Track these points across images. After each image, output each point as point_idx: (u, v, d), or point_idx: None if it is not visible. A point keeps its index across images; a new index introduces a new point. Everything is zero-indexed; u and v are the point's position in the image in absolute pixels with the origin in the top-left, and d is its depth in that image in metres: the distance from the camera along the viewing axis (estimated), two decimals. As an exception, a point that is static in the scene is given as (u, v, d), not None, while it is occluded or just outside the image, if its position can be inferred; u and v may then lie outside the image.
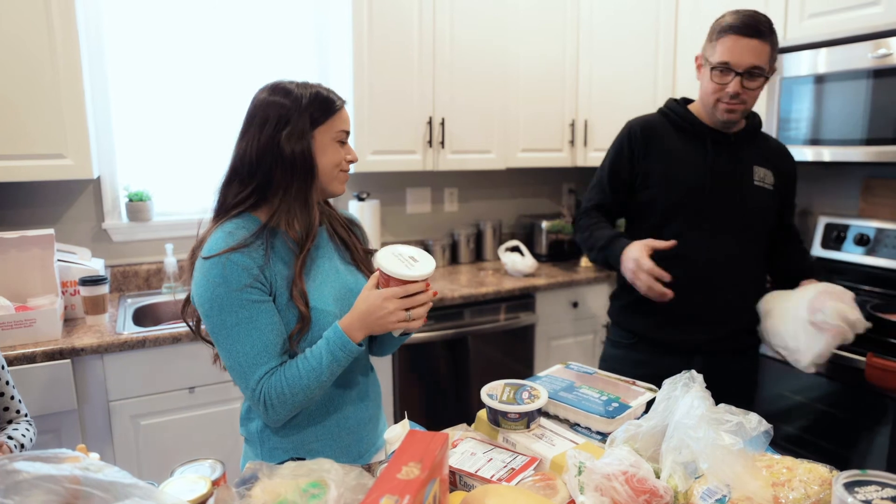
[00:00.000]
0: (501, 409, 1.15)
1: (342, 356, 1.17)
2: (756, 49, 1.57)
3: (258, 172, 1.21)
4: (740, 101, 1.63)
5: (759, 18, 1.59)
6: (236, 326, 1.16)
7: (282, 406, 1.17)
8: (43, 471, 0.86)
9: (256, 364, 1.17)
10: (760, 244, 1.78)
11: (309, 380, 1.17)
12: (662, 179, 1.75)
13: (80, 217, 2.57)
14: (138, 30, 2.58)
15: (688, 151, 1.75)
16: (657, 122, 1.81)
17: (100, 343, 2.01)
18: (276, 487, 0.95)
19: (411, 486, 0.75)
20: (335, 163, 1.26)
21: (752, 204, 1.73)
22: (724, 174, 1.72)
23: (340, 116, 1.26)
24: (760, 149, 1.77)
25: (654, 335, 1.80)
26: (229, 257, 1.16)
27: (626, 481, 0.88)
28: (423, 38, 2.75)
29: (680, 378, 1.05)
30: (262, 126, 1.21)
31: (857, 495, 0.69)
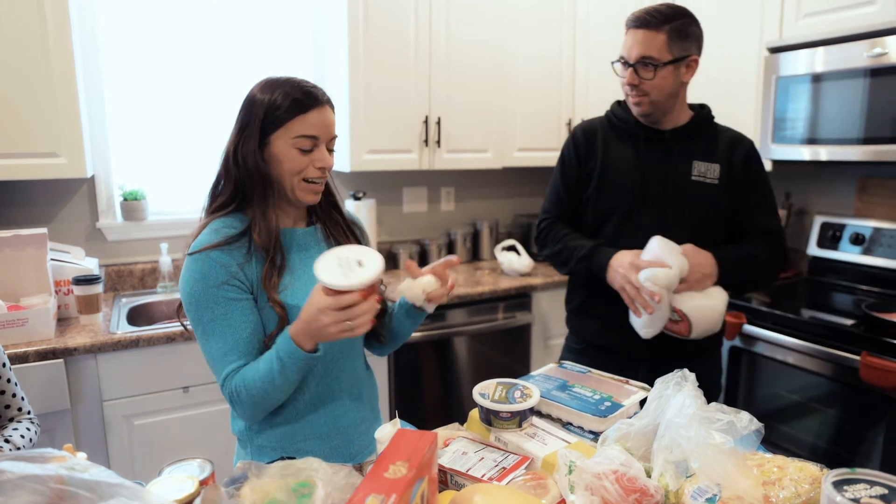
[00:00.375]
0: (493, 408, 1.14)
1: (290, 363, 1.12)
2: (644, 39, 1.58)
3: (233, 176, 1.22)
4: (641, 93, 1.62)
5: (656, 10, 1.58)
6: (211, 322, 1.17)
7: (243, 406, 1.17)
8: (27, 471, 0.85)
9: (227, 361, 1.17)
10: (705, 242, 1.64)
11: (263, 383, 1.14)
12: (598, 181, 1.75)
13: (74, 216, 2.56)
14: (133, 28, 2.57)
15: (623, 152, 1.74)
16: (599, 125, 1.82)
17: (93, 342, 2.01)
18: (264, 487, 0.94)
19: (398, 486, 0.74)
20: (294, 171, 1.20)
21: (689, 200, 1.68)
22: (658, 172, 1.69)
23: (304, 120, 1.18)
24: (706, 142, 1.71)
25: (599, 341, 1.78)
26: (209, 254, 1.17)
27: (616, 480, 0.87)
28: (420, 36, 2.75)
29: (672, 377, 1.05)
30: (236, 126, 1.23)
31: (845, 493, 0.68)
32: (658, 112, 1.66)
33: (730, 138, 1.73)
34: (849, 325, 2.10)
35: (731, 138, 1.73)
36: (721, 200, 1.69)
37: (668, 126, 1.70)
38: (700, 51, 1.66)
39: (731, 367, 2.43)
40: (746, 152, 1.70)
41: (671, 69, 1.60)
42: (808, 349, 2.14)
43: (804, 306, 2.41)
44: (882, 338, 1.96)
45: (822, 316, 2.25)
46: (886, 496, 0.68)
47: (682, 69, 1.62)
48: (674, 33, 1.57)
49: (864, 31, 2.15)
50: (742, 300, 2.40)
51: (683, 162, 1.69)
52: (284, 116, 1.18)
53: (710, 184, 1.68)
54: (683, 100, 1.71)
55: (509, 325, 2.81)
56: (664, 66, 1.58)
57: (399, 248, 3.11)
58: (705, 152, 1.70)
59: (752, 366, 2.37)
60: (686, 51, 1.60)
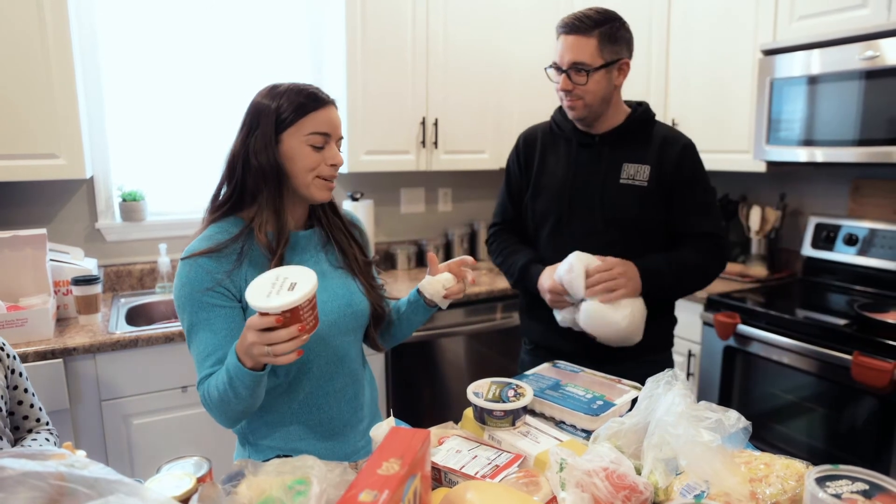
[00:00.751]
0: (487, 407, 1.16)
1: (236, 378, 1.10)
2: (575, 45, 1.58)
3: (236, 177, 1.24)
4: (575, 97, 1.62)
5: (585, 15, 1.59)
6: (195, 325, 1.20)
7: (211, 411, 1.20)
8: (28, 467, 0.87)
9: (204, 365, 1.19)
10: (640, 244, 1.66)
11: (221, 394, 1.14)
12: (534, 188, 1.77)
13: (73, 217, 2.57)
14: (132, 29, 2.59)
15: (557, 157, 1.75)
16: (539, 131, 1.83)
17: (92, 342, 2.02)
18: (261, 484, 0.96)
19: (391, 482, 0.75)
20: (308, 168, 1.22)
21: (616, 203, 1.66)
22: (587, 177, 1.69)
23: (314, 118, 1.21)
24: (638, 143, 1.69)
25: (543, 342, 1.80)
26: (196, 260, 1.20)
27: (606, 477, 0.89)
28: (417, 38, 2.76)
29: (662, 376, 1.06)
30: (242, 129, 1.25)
31: (827, 489, 0.70)
32: (592, 116, 1.66)
33: (662, 138, 1.69)
34: (841, 325, 2.12)
35: (663, 138, 1.69)
36: (651, 203, 1.66)
37: (601, 130, 1.70)
38: (631, 54, 1.66)
39: (726, 367, 2.45)
40: (679, 152, 1.67)
41: (603, 73, 1.60)
42: (802, 349, 2.16)
43: (798, 306, 2.42)
44: (874, 337, 1.97)
45: (815, 316, 2.27)
46: (867, 492, 0.70)
47: (613, 73, 1.62)
48: (604, 38, 1.58)
49: (858, 33, 2.17)
50: (736, 300, 2.42)
51: (613, 165, 1.68)
52: (296, 115, 1.21)
53: (640, 186, 1.66)
54: (617, 102, 1.70)
55: (505, 325, 2.83)
56: (596, 70, 1.59)
57: (397, 249, 3.12)
58: (636, 154, 1.68)
59: (746, 365, 2.38)
60: (617, 54, 1.61)
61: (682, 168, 1.66)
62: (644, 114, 1.72)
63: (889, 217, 2.52)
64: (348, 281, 1.35)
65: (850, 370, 1.98)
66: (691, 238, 1.69)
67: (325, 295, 1.29)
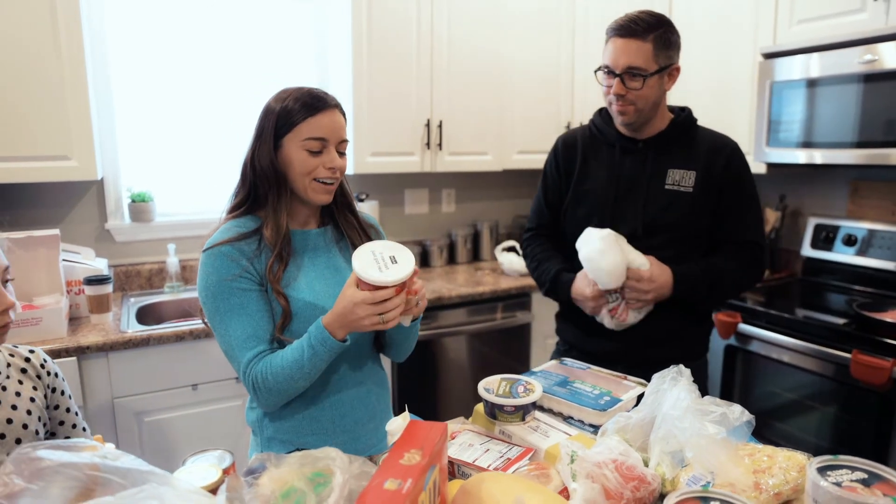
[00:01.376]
0: (498, 403, 1.19)
1: (322, 351, 1.20)
2: (631, 49, 1.56)
3: (248, 180, 1.31)
4: (628, 102, 1.60)
5: (639, 18, 1.57)
6: (228, 312, 1.24)
7: (268, 392, 1.23)
8: (64, 458, 0.91)
9: (246, 347, 1.23)
10: (682, 251, 1.66)
11: (291, 370, 1.21)
12: (574, 193, 1.76)
13: (83, 218, 2.61)
14: (140, 32, 2.62)
15: (599, 161, 1.74)
16: (579, 135, 1.81)
17: (105, 341, 2.06)
18: (283, 476, 0.99)
19: (413, 471, 0.79)
20: (304, 172, 1.26)
21: (661, 209, 1.65)
22: (631, 180, 1.68)
23: (311, 123, 1.24)
24: (684, 148, 1.67)
25: (580, 345, 1.80)
26: (220, 249, 1.25)
27: (615, 469, 0.93)
28: (422, 42, 2.80)
29: (668, 372, 1.10)
30: (254, 134, 1.31)
31: (828, 478, 0.74)
32: (641, 121, 1.65)
33: (710, 143, 1.67)
34: (840, 324, 2.16)
35: (711, 143, 1.67)
36: (697, 209, 1.64)
37: (646, 135, 1.68)
38: (679, 59, 1.65)
39: (727, 366, 2.49)
40: (727, 158, 1.65)
41: (657, 78, 1.59)
42: (802, 348, 2.20)
43: (798, 306, 2.46)
44: (872, 336, 2.01)
45: (815, 315, 2.31)
46: (866, 480, 0.74)
47: (665, 78, 1.61)
48: (659, 42, 1.57)
49: (856, 37, 2.21)
50: (737, 300, 2.46)
51: (658, 171, 1.67)
52: (294, 120, 1.24)
53: (685, 192, 1.64)
54: (664, 107, 1.69)
55: (509, 324, 2.87)
56: (651, 75, 1.57)
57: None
58: (682, 159, 1.66)
59: (747, 364, 2.42)
60: (670, 59, 1.60)
61: (729, 174, 1.65)
62: (688, 118, 1.71)
63: (887, 218, 2.57)
64: None
65: (849, 368, 2.02)
66: (731, 245, 1.67)
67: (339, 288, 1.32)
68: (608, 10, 3.09)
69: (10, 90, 2.10)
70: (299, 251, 1.33)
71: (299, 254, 1.33)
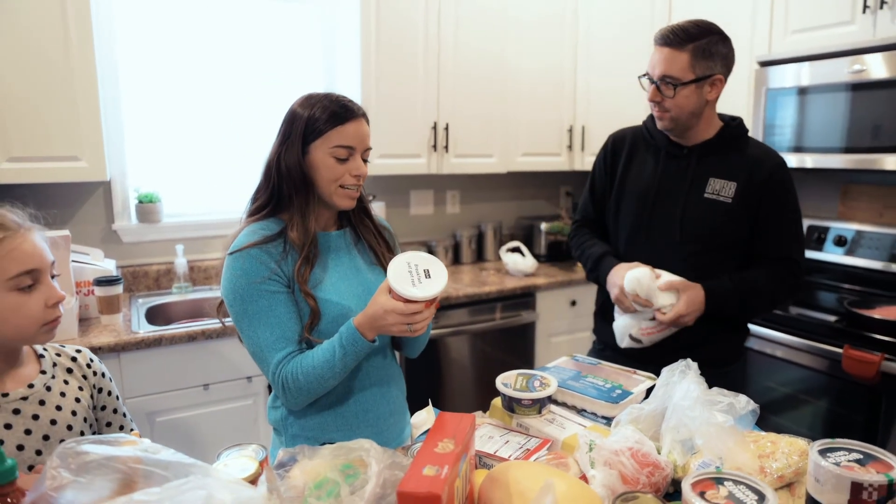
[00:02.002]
0: (516, 397, 1.25)
1: (353, 351, 1.24)
2: (666, 58, 1.59)
3: (272, 183, 1.33)
4: (663, 109, 1.64)
5: (681, 28, 1.59)
6: (257, 315, 1.27)
7: (298, 391, 1.27)
8: (108, 452, 0.95)
9: (276, 348, 1.27)
10: (718, 259, 1.68)
11: (323, 369, 1.25)
12: (618, 191, 1.81)
13: (90, 218, 2.64)
14: (149, 33, 2.66)
15: (644, 163, 1.77)
16: (631, 134, 1.85)
17: (117, 342, 2.09)
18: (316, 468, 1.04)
19: (449, 458, 0.85)
20: (332, 178, 1.30)
21: (697, 216, 1.67)
22: (671, 185, 1.71)
23: (341, 131, 1.28)
24: (729, 159, 1.68)
25: (614, 345, 1.80)
26: (249, 252, 1.28)
27: (632, 456, 0.99)
28: (429, 46, 2.86)
29: (677, 366, 1.17)
30: (278, 136, 1.34)
31: (829, 459, 0.81)
32: (679, 128, 1.67)
33: (755, 156, 1.68)
34: (832, 321, 2.25)
35: (755, 156, 1.68)
36: (734, 220, 1.65)
37: (692, 141, 1.70)
38: (728, 69, 1.65)
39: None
40: (769, 172, 1.64)
41: (693, 88, 1.60)
42: (796, 343, 2.28)
43: (791, 304, 2.55)
44: (862, 332, 2.10)
45: (808, 313, 2.40)
46: (861, 460, 0.82)
47: (705, 87, 1.62)
48: (697, 52, 1.58)
49: (846, 48, 2.30)
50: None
51: (699, 179, 1.69)
52: (323, 127, 1.28)
53: (723, 202, 1.65)
54: (710, 116, 1.69)
55: (514, 323, 2.93)
56: (684, 85, 1.59)
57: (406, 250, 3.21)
58: (725, 169, 1.67)
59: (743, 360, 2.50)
60: (709, 70, 1.60)
61: (771, 188, 1.64)
62: (737, 129, 1.72)
63: (875, 219, 2.66)
64: (381, 278, 1.44)
65: (840, 363, 2.11)
66: (768, 261, 1.68)
67: (362, 288, 1.38)
68: (610, 19, 3.18)
69: (21, 91, 2.12)
70: (323, 253, 1.37)
71: (323, 255, 1.37)
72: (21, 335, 1.14)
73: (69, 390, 1.23)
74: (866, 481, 0.77)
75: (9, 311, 1.11)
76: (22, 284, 1.11)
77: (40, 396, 1.18)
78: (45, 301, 1.14)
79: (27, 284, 1.12)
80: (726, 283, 1.65)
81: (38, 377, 1.20)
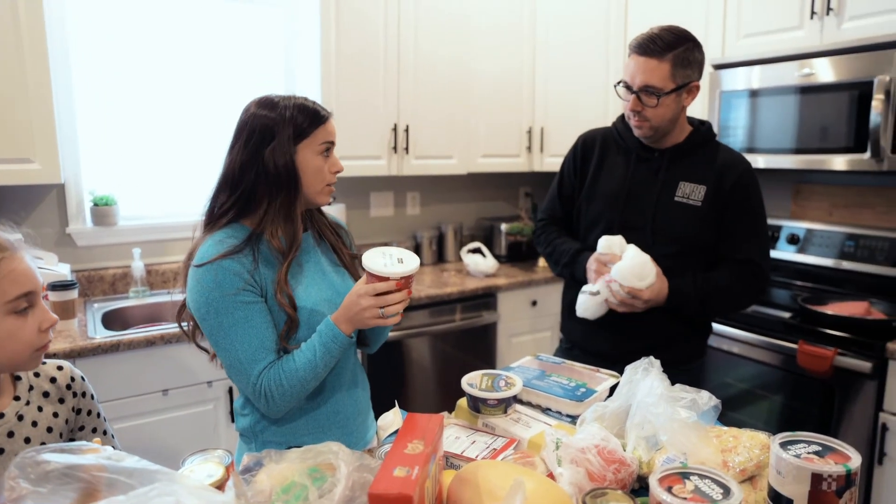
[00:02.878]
0: (481, 397, 1.26)
1: (334, 347, 1.24)
2: (648, 67, 1.58)
3: (242, 185, 1.29)
4: (643, 119, 1.64)
5: (659, 36, 1.59)
6: (233, 327, 1.24)
7: (282, 397, 1.25)
8: (70, 461, 0.92)
9: (255, 360, 1.24)
10: (688, 261, 1.70)
11: (305, 371, 1.24)
12: (588, 191, 1.82)
13: (42, 222, 2.55)
14: (103, 31, 2.59)
15: (615, 165, 1.79)
16: (601, 135, 1.86)
17: (73, 348, 2.03)
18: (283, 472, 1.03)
19: (419, 459, 0.85)
20: (320, 176, 1.31)
21: (669, 220, 1.69)
22: (642, 188, 1.73)
23: (325, 128, 1.31)
24: (698, 162, 1.71)
25: (583, 343, 1.84)
26: (220, 264, 1.23)
27: (598, 453, 1.01)
28: (389, 49, 2.86)
29: (640, 364, 1.19)
30: (247, 140, 1.29)
31: (789, 451, 0.84)
32: (657, 136, 1.69)
33: (724, 161, 1.70)
34: (787, 317, 2.33)
35: (724, 160, 1.70)
36: (704, 224, 1.68)
37: (663, 145, 1.72)
38: (701, 75, 1.66)
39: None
40: (737, 176, 1.68)
41: (673, 97, 1.61)
42: (752, 339, 2.36)
43: (748, 302, 2.63)
44: (816, 328, 2.18)
45: (763, 310, 2.47)
46: (820, 452, 0.84)
47: (683, 95, 1.64)
48: (677, 61, 1.58)
49: (795, 53, 2.38)
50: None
51: (669, 182, 1.71)
52: (311, 126, 1.29)
53: (693, 206, 1.67)
54: (683, 121, 1.72)
55: (476, 323, 2.95)
56: (667, 94, 1.59)
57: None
58: (694, 173, 1.69)
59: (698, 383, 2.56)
60: (688, 78, 1.62)
61: (738, 192, 1.68)
62: (707, 133, 1.74)
63: (825, 218, 2.76)
64: (346, 278, 1.43)
65: (795, 358, 2.18)
66: (731, 263, 1.70)
67: (331, 292, 1.36)
68: (567, 25, 3.24)
69: (-30, 93, 2.04)
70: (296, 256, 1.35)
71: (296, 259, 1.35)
72: (13, 362, 1.09)
73: (42, 418, 1.16)
74: (826, 472, 0.79)
75: (5, 336, 1.05)
76: (19, 307, 1.06)
77: (10, 427, 1.12)
78: (38, 325, 1.09)
79: (23, 307, 1.07)
80: (688, 282, 1.68)
81: (11, 405, 1.13)
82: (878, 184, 2.59)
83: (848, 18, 2.26)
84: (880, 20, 2.17)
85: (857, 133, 2.22)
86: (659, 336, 1.73)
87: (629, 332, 1.75)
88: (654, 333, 1.73)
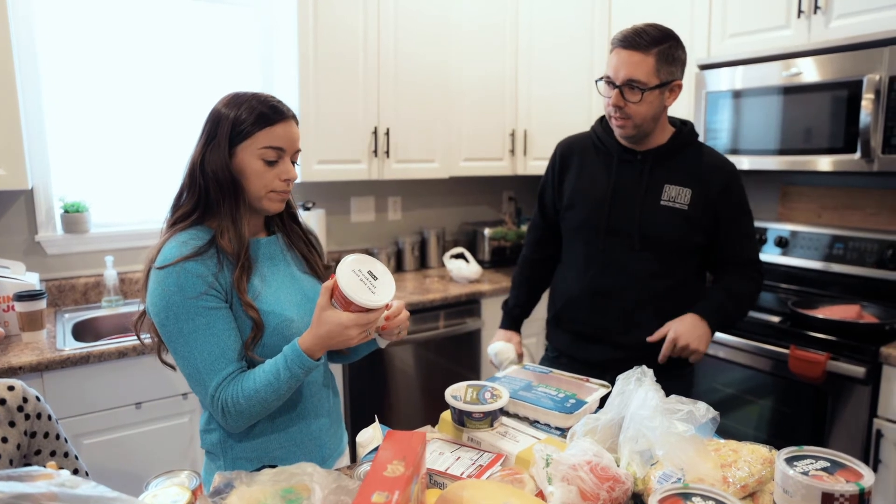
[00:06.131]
0: (466, 410, 1.20)
1: (300, 373, 1.17)
2: (632, 61, 1.55)
3: (198, 186, 1.24)
4: (625, 116, 1.60)
5: (644, 31, 1.56)
6: (193, 333, 1.17)
7: (239, 415, 1.18)
8: (17, 489, 0.84)
9: (214, 370, 1.17)
10: (676, 265, 1.69)
11: (266, 393, 1.17)
12: (571, 197, 1.78)
13: (10, 229, 2.46)
14: (72, 35, 2.50)
15: (597, 170, 1.75)
16: (580, 141, 1.83)
17: (39, 360, 1.94)
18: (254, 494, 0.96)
19: (399, 483, 0.79)
20: (261, 182, 1.23)
21: (655, 223, 1.66)
22: (626, 192, 1.69)
23: (270, 132, 1.21)
24: (682, 165, 1.68)
25: (570, 352, 1.81)
26: (184, 266, 1.17)
27: (590, 470, 0.95)
28: (368, 52, 2.79)
29: (632, 373, 1.14)
30: (201, 137, 1.25)
31: (796, 468, 0.78)
32: (640, 135, 1.65)
33: (709, 163, 1.69)
34: (777, 321, 2.29)
35: (709, 163, 1.69)
36: (691, 227, 1.66)
37: (645, 147, 1.69)
38: (683, 75, 1.64)
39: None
40: (725, 181, 1.67)
41: (657, 93, 1.58)
42: (741, 344, 2.31)
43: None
44: (807, 332, 2.14)
45: (751, 314, 2.42)
46: (829, 468, 0.79)
47: (665, 93, 1.61)
48: (662, 57, 1.56)
49: (781, 52, 2.35)
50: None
51: (654, 185, 1.67)
52: (251, 129, 1.20)
53: (679, 209, 1.65)
54: (664, 121, 1.69)
55: (460, 331, 2.89)
56: (651, 90, 1.56)
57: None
58: (679, 176, 1.67)
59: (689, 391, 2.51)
60: (671, 75, 1.59)
61: (729, 195, 1.67)
62: (689, 135, 1.71)
63: (813, 220, 2.73)
64: (317, 285, 1.37)
65: (786, 363, 2.14)
66: (736, 265, 1.72)
67: (300, 298, 1.31)
68: (550, 27, 3.20)
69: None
70: (257, 261, 1.29)
71: (259, 264, 1.29)
72: None
73: None
74: (837, 491, 0.74)
75: None
76: None
77: None
78: None
79: None
80: (719, 297, 1.69)
81: None
82: (867, 185, 2.57)
83: (836, 17, 2.24)
84: (869, 18, 2.15)
85: (846, 133, 2.19)
86: (649, 344, 1.68)
87: (618, 340, 1.71)
88: (644, 342, 1.68)
